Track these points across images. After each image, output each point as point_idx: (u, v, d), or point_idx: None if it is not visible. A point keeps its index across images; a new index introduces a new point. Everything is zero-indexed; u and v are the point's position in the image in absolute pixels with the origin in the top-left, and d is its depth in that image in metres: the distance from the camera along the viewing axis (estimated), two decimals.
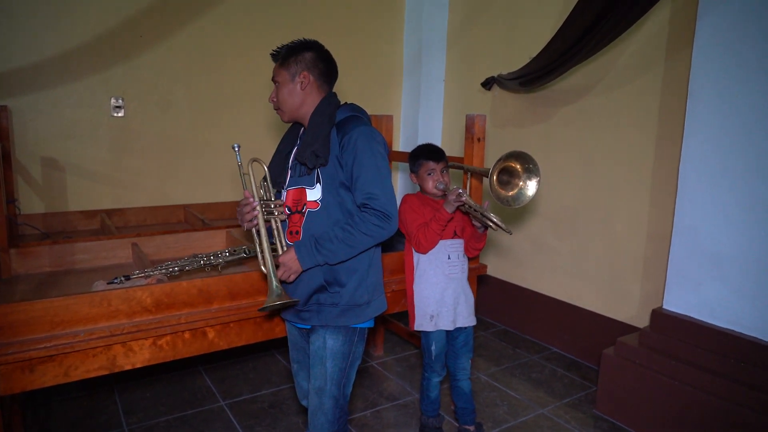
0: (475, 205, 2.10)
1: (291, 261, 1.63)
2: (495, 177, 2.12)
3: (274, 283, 1.61)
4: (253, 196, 1.66)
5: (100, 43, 3.17)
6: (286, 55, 1.71)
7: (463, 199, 2.07)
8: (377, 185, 1.61)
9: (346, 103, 1.78)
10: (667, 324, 2.49)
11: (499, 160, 2.11)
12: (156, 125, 3.39)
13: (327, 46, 1.79)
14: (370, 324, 1.77)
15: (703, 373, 2.31)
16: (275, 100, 1.74)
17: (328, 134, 1.66)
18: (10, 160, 2.79)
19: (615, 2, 2.45)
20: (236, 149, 1.68)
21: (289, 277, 1.65)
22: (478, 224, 2.20)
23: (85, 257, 2.54)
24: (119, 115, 3.28)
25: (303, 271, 1.67)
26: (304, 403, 1.93)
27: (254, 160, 1.73)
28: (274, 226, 1.71)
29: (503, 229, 2.09)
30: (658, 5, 2.61)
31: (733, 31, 2.23)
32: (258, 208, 1.65)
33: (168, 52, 3.37)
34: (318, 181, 1.67)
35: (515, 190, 2.15)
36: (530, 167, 2.12)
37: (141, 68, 3.31)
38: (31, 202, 3.09)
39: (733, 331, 2.30)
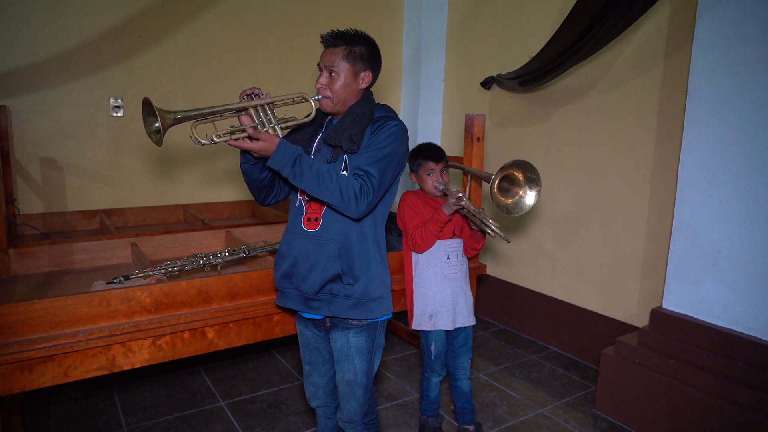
0: (474, 210, 2.10)
1: (270, 143, 1.52)
2: (496, 183, 2.10)
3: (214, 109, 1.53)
4: (268, 96, 1.59)
5: (99, 42, 3.17)
6: (350, 46, 1.64)
7: (463, 203, 2.07)
8: (378, 170, 1.58)
9: (379, 103, 1.76)
10: (666, 323, 2.49)
11: (503, 168, 2.10)
12: None
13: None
14: (389, 315, 1.77)
15: (702, 372, 2.31)
16: (325, 87, 1.65)
17: (365, 127, 1.65)
18: (9, 160, 2.79)
19: (614, 1, 2.45)
20: (317, 98, 1.65)
21: (245, 141, 1.52)
22: (475, 228, 2.20)
23: (84, 257, 2.54)
24: (118, 114, 3.28)
25: (266, 167, 1.59)
26: (313, 404, 1.90)
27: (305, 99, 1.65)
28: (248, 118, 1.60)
29: (501, 237, 2.09)
30: (658, 4, 2.61)
31: (733, 30, 2.23)
32: (259, 98, 1.58)
33: (167, 51, 3.37)
34: (345, 168, 1.64)
35: (514, 198, 2.14)
36: (532, 177, 2.11)
37: (140, 68, 3.31)
38: (30, 203, 3.09)
39: (732, 330, 2.30)
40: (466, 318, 2.27)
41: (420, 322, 2.24)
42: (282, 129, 1.61)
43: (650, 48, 2.85)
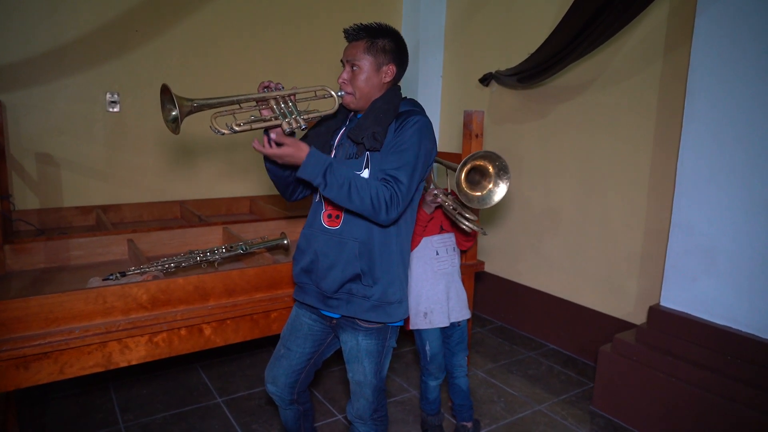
0: (453, 204, 2.08)
1: (296, 150, 1.47)
2: (463, 176, 1.99)
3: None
4: (289, 90, 1.56)
5: (95, 37, 3.14)
6: (372, 39, 1.61)
7: (439, 200, 2.06)
8: (407, 175, 1.54)
9: (406, 97, 1.73)
10: (663, 321, 2.49)
11: (468, 159, 2.01)
12: (152, 120, 3.36)
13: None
14: (401, 323, 1.74)
15: (699, 369, 2.31)
16: (347, 83, 1.63)
17: (389, 124, 1.61)
18: (4, 155, 2.77)
19: None
20: (340, 94, 1.60)
21: (273, 151, 1.49)
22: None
23: (81, 253, 2.52)
24: (114, 110, 3.26)
25: (297, 178, 1.54)
26: (269, 388, 1.80)
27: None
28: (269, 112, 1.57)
29: (480, 231, 2.06)
30: (657, 1, 2.60)
31: (733, 27, 2.22)
32: (279, 93, 1.54)
33: (163, 46, 3.35)
34: (367, 166, 1.61)
35: (483, 192, 2.04)
36: (500, 164, 1.98)
37: (136, 63, 3.28)
38: (25, 198, 3.07)
39: (729, 327, 2.30)
40: (459, 312, 2.25)
41: (415, 321, 2.23)
42: (305, 121, 1.56)
43: (650, 44, 2.84)
